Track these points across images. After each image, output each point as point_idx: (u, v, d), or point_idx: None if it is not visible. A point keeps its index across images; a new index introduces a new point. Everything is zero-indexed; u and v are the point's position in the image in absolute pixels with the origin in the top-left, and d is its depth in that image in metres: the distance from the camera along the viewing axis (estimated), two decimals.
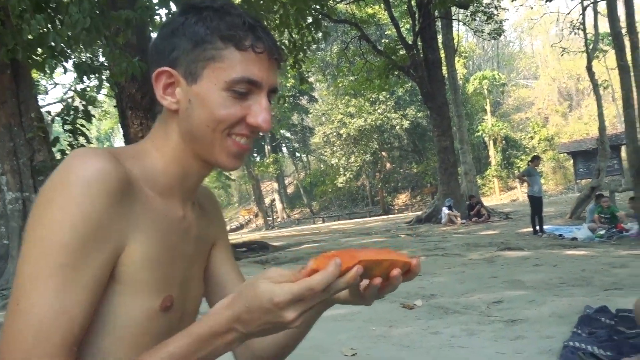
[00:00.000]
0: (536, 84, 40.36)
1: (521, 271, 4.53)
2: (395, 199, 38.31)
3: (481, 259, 5.73)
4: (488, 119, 34.40)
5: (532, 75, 43.27)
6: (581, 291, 3.34)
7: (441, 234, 11.98)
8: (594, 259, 5.20)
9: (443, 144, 17.38)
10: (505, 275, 4.29)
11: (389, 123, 33.52)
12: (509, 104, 40.30)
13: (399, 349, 2.35)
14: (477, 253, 6.43)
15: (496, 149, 33.87)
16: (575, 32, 15.11)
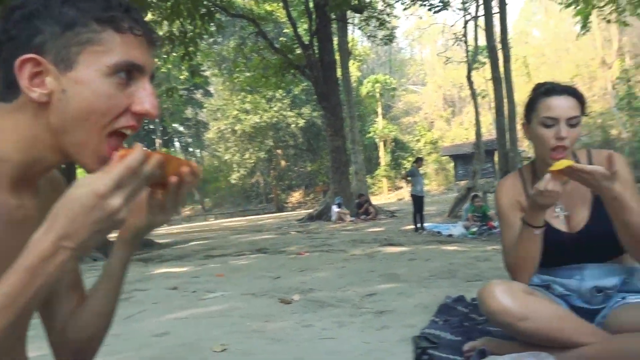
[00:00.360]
0: (424, 90, 42.90)
1: (397, 265, 4.78)
2: (289, 196, 38.68)
3: (363, 255, 5.96)
4: (379, 121, 35.95)
5: (421, 82, 45.91)
6: (447, 283, 3.58)
7: (330, 231, 12.27)
8: (463, 253, 5.62)
9: (335, 144, 17.83)
10: (382, 270, 4.49)
11: (284, 121, 33.76)
12: (399, 108, 42.36)
13: (271, 343, 2.36)
14: (360, 249, 6.67)
15: (386, 150, 35.49)
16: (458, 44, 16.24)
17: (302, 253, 6.64)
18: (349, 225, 14.74)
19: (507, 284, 1.70)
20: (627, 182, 1.77)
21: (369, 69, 44.49)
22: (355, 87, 34.57)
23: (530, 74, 29.12)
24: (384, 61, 47.10)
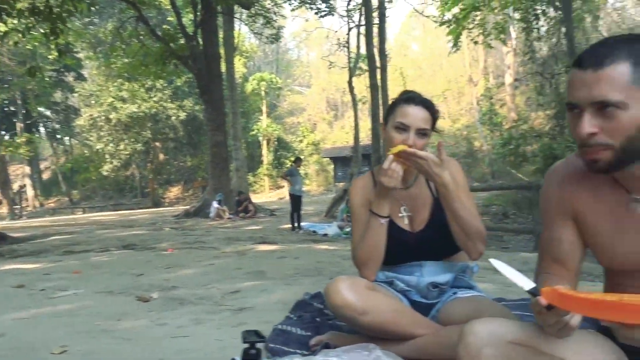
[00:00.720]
0: (309, 92, 43.72)
1: (266, 263, 4.81)
2: (167, 191, 37.26)
3: (233, 252, 5.92)
4: (263, 120, 35.95)
5: (306, 84, 46.75)
6: (310, 280, 3.67)
7: (207, 228, 12.03)
8: (332, 252, 5.81)
9: (217, 139, 17.52)
10: (250, 267, 4.50)
11: (164, 112, 32.43)
12: (284, 108, 42.75)
13: (118, 343, 2.24)
14: (233, 247, 6.62)
15: (269, 149, 35.60)
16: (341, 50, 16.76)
17: (171, 250, 6.43)
18: (227, 222, 14.57)
19: (351, 280, 1.79)
20: (460, 185, 1.95)
21: (255, 66, 44.35)
22: (240, 84, 34.25)
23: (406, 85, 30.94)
24: (270, 60, 47.24)
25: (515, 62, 27.90)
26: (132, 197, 36.01)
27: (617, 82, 1.05)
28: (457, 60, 32.71)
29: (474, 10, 15.23)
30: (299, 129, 38.49)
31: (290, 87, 45.21)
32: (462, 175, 2.02)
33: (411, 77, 35.89)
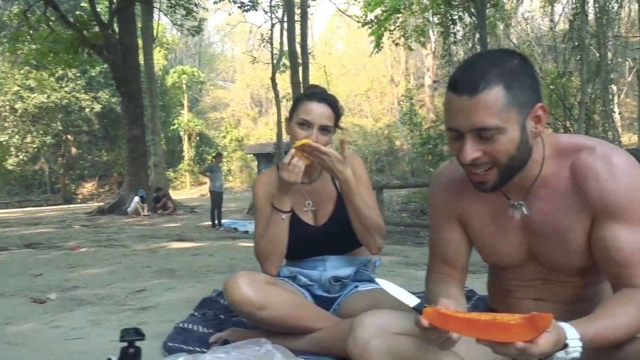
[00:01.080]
0: (233, 87, 43.07)
1: (177, 261, 4.69)
2: (81, 187, 35.35)
3: (145, 250, 5.72)
4: (185, 114, 34.99)
5: (230, 79, 46.01)
6: (221, 277, 3.61)
7: (121, 226, 11.54)
8: (249, 249, 5.75)
9: (133, 133, 16.85)
10: (160, 265, 4.36)
11: (77, 104, 30.71)
12: (207, 102, 41.86)
13: (4, 348, 2.09)
14: (145, 244, 6.39)
15: (190, 144, 34.70)
16: (265, 45, 16.65)
17: (77, 248, 6.09)
18: (145, 220, 14.06)
19: (250, 275, 1.77)
20: (361, 182, 1.99)
21: (176, 59, 43.04)
22: (160, 76, 33.11)
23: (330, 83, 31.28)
24: (193, 53, 46.04)
25: (434, 65, 29.05)
26: (41, 193, 33.80)
27: (493, 107, 1.08)
28: (379, 60, 33.50)
29: (395, 12, 15.64)
30: (222, 124, 37.81)
31: (213, 82, 44.30)
32: (365, 171, 2.06)
33: (335, 75, 36.32)
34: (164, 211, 15.70)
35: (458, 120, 1.12)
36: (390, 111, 32.72)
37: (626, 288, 1.13)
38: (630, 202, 1.14)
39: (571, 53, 15.06)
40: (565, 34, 15.10)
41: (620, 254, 1.13)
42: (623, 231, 1.14)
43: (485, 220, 1.34)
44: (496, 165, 1.14)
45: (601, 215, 1.16)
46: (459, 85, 1.11)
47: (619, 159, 1.17)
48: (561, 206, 1.22)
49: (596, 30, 14.69)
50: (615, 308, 1.08)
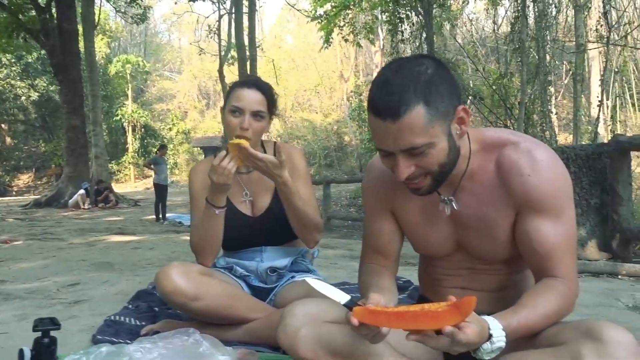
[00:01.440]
0: (180, 79, 42.02)
1: (115, 254, 4.56)
2: (16, 179, 33.63)
3: (82, 243, 5.52)
4: (129, 105, 33.89)
5: (177, 70, 44.92)
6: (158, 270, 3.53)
7: (59, 219, 11.09)
8: None
9: (73, 123, 16.19)
10: (97, 258, 4.22)
11: (12, 91, 29.15)
12: (152, 93, 40.69)
13: None
14: (83, 238, 6.17)
15: (135, 136, 33.66)
16: (212, 36, 16.37)
17: (8, 242, 5.81)
18: (85, 213, 13.57)
19: (183, 265, 1.75)
20: (300, 175, 2.00)
21: (120, 47, 41.62)
22: (102, 65, 31.93)
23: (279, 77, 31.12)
24: (138, 42, 44.66)
25: (382, 62, 29.44)
26: None
27: (418, 127, 1.10)
28: (329, 56, 33.61)
29: (344, 8, 15.74)
30: (168, 116, 36.87)
31: (159, 72, 43.10)
32: (305, 163, 2.06)
33: (285, 69, 36.16)
34: (105, 204, 15.22)
35: (386, 143, 1.14)
36: (340, 107, 32.92)
37: (547, 278, 1.20)
38: (551, 197, 1.19)
39: (512, 55, 15.62)
40: (507, 36, 15.63)
41: (541, 246, 1.19)
42: (545, 224, 1.19)
43: (416, 213, 1.38)
44: (430, 174, 1.18)
45: (524, 208, 1.22)
46: (381, 110, 1.11)
47: (542, 155, 1.22)
48: (487, 199, 1.27)
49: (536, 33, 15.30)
50: (537, 298, 1.14)
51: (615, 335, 1.01)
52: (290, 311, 1.33)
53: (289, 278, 2.02)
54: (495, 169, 1.26)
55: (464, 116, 1.17)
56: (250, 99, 1.87)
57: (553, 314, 1.13)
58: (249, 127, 1.85)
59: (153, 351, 1.16)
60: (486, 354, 1.03)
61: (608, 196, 4.24)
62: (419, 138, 1.10)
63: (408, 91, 1.09)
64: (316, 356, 1.27)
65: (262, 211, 2.01)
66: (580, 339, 1.03)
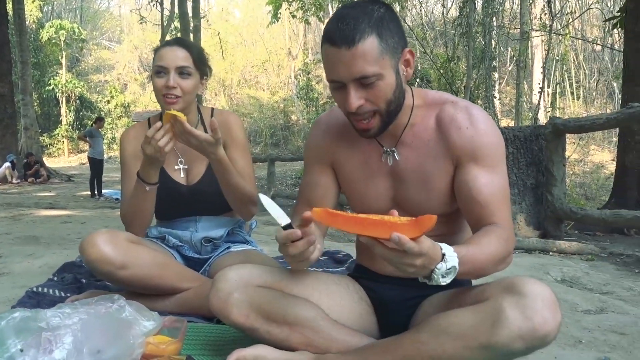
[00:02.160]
0: (119, 49, 40.31)
1: (43, 228, 4.36)
2: None
3: (6, 217, 5.25)
4: (63, 74, 32.22)
5: (117, 39, 43.07)
6: None
7: None
8: None
9: (0, 91, 15.24)
10: (21, 232, 4.03)
11: None
12: (89, 63, 38.91)
13: None
14: (8, 212, 5.87)
15: (69, 108, 32.12)
16: (154, 5, 15.77)
17: None
18: (14, 187, 12.90)
19: (110, 233, 1.68)
20: (238, 144, 1.96)
21: (54, 12, 39.38)
22: (33, 30, 30.16)
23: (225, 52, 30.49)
24: (74, 8, 42.38)
25: None
26: None
27: (370, 56, 1.16)
28: (277, 32, 33.20)
29: None
30: (106, 88, 35.36)
31: (97, 41, 41.15)
32: (243, 132, 2.01)
33: (231, 44, 35.45)
34: (36, 179, 14.51)
35: (339, 71, 1.19)
36: (287, 85, 32.69)
37: (487, 225, 1.24)
38: (487, 148, 1.27)
39: (460, 39, 15.98)
40: (455, 20, 15.93)
41: (480, 194, 1.25)
42: (482, 174, 1.26)
43: (356, 166, 1.41)
44: (378, 112, 1.23)
45: (463, 160, 1.28)
46: (337, 38, 1.17)
47: (478, 112, 1.31)
48: (426, 153, 1.32)
49: (483, 19, 15.69)
50: (480, 239, 1.19)
51: (534, 288, 1.05)
52: (222, 275, 1.32)
53: (225, 249, 1.99)
54: (435, 124, 1.32)
55: (409, 58, 1.25)
56: (173, 56, 1.81)
57: (497, 254, 1.18)
58: (176, 85, 1.78)
59: (73, 316, 1.11)
60: (441, 276, 1.04)
61: (543, 177, 4.43)
62: (370, 67, 1.17)
63: (363, 23, 1.17)
64: (248, 320, 1.27)
65: (197, 180, 1.96)
66: (502, 294, 1.07)
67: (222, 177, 1.78)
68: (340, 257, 2.77)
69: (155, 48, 1.91)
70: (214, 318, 1.73)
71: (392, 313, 1.43)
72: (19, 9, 15.99)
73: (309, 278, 1.40)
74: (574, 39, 20.35)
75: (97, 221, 4.93)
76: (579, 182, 15.62)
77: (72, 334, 1.07)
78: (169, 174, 1.95)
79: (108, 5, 50.34)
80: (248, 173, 1.92)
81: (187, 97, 1.83)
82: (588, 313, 2.07)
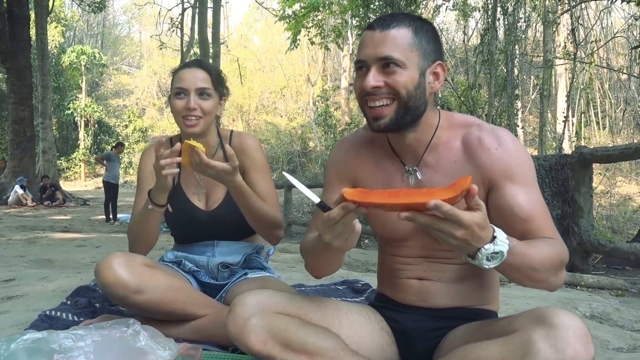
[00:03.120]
0: (138, 74, 41.23)
1: (58, 252, 4.41)
2: None
3: (22, 240, 5.32)
4: (82, 98, 32.99)
5: (136, 64, 44.11)
6: None
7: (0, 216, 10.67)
8: None
9: (20, 114, 15.64)
10: (36, 255, 4.07)
11: None
12: (108, 88, 39.81)
13: None
14: (23, 234, 5.94)
15: (87, 132, 32.77)
16: (174, 31, 16.16)
17: None
18: (29, 210, 13.11)
19: (126, 256, 1.68)
20: (258, 167, 1.95)
21: (76, 37, 40.53)
22: (55, 54, 31.06)
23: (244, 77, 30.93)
24: (95, 33, 43.63)
25: (351, 67, 29.66)
26: None
27: (400, 43, 1.23)
28: (296, 58, 33.65)
29: (314, 10, 15.81)
30: (124, 112, 36.09)
31: (117, 66, 42.18)
32: (262, 155, 2.01)
33: (250, 70, 36.02)
34: (51, 202, 14.73)
35: (366, 51, 1.25)
36: (305, 111, 32.97)
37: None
38: (520, 166, 1.27)
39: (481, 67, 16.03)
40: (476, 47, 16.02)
41: (523, 210, 1.23)
42: (520, 191, 1.25)
43: (379, 186, 1.39)
44: (394, 100, 1.24)
45: (497, 180, 1.27)
46: (375, 23, 1.26)
47: (504, 133, 1.32)
48: (452, 174, 1.30)
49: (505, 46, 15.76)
50: (534, 241, 1.17)
51: (566, 319, 1.02)
52: (240, 300, 1.30)
53: (242, 275, 1.98)
54: (461, 146, 1.33)
55: (439, 72, 1.29)
56: (193, 78, 1.83)
57: (550, 258, 1.15)
58: (197, 107, 1.80)
59: (86, 339, 1.10)
60: (485, 258, 1.03)
61: (569, 208, 4.36)
62: (396, 52, 1.22)
63: (404, 18, 1.27)
64: (266, 347, 1.25)
65: (216, 205, 1.96)
66: (531, 325, 1.04)
67: (242, 204, 1.78)
68: (359, 287, 2.74)
69: (173, 70, 1.93)
70: (230, 347, 1.71)
71: (415, 344, 1.40)
72: (42, 34, 16.52)
73: (330, 307, 1.38)
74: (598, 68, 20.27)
75: (112, 246, 4.96)
76: (605, 214, 15.34)
77: (85, 357, 1.06)
78: (187, 197, 1.96)
79: (129, 31, 51.70)
80: (270, 196, 1.91)
81: (208, 118, 1.85)
82: (620, 351, 2.00)
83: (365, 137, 1.44)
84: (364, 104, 1.28)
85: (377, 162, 1.41)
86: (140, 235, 1.83)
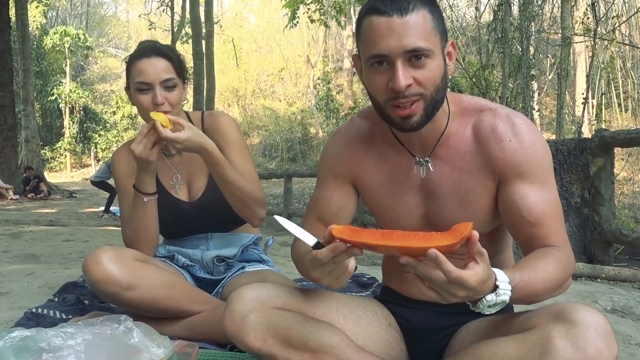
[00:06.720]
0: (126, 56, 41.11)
1: (43, 246, 4.44)
2: None
3: (5, 234, 5.34)
4: (67, 84, 32.90)
5: (124, 46, 43.95)
6: None
7: None
8: None
9: (0, 101, 15.62)
10: (20, 250, 4.10)
11: None
12: (94, 72, 39.74)
13: None
14: (6, 229, 5.97)
15: (72, 119, 32.71)
16: (164, 10, 16.09)
17: None
18: (11, 204, 13.14)
19: (115, 250, 1.68)
20: (233, 144, 1.91)
21: (59, 18, 40.42)
22: (37, 36, 30.94)
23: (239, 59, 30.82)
24: (79, 13, 43.46)
25: (354, 48, 29.51)
26: None
27: (424, 28, 1.13)
28: (295, 38, 33.52)
29: None
30: (112, 98, 36.00)
31: (103, 48, 42.02)
32: (237, 131, 1.97)
33: (246, 51, 35.90)
34: (35, 195, 14.77)
35: (389, 42, 1.13)
36: (305, 95, 32.86)
37: (542, 247, 1.21)
38: (534, 162, 1.23)
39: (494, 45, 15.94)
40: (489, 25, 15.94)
41: (531, 213, 1.21)
42: (531, 191, 1.22)
43: (383, 180, 1.38)
44: (422, 97, 1.17)
45: (507, 176, 1.24)
46: (387, 6, 1.12)
47: (520, 120, 1.26)
48: (463, 167, 1.28)
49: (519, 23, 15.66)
50: (537, 261, 1.15)
51: (587, 316, 1.02)
52: (238, 295, 1.30)
53: (239, 269, 1.98)
54: (472, 135, 1.28)
55: (451, 51, 1.22)
56: (155, 69, 1.77)
57: (554, 279, 1.14)
58: (164, 101, 1.77)
59: (76, 337, 1.11)
60: (487, 308, 1.03)
61: (589, 195, 4.36)
62: (423, 40, 1.13)
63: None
64: (266, 345, 1.25)
65: (200, 194, 1.95)
66: (550, 322, 1.04)
67: (217, 174, 1.75)
68: (365, 281, 2.75)
69: (129, 58, 1.85)
70: (227, 344, 1.72)
71: (424, 341, 1.41)
72: (22, 15, 16.45)
73: (333, 301, 1.39)
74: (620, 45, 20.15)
75: (100, 240, 4.99)
76: (628, 203, 15.32)
77: (75, 356, 1.07)
78: (167, 191, 1.94)
79: (115, 11, 51.47)
80: (249, 172, 1.87)
81: (176, 109, 1.83)
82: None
83: (363, 126, 1.40)
84: (390, 106, 1.19)
85: (379, 154, 1.38)
86: (142, 235, 1.83)
